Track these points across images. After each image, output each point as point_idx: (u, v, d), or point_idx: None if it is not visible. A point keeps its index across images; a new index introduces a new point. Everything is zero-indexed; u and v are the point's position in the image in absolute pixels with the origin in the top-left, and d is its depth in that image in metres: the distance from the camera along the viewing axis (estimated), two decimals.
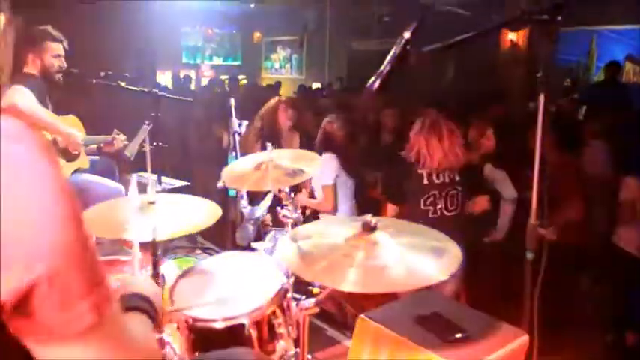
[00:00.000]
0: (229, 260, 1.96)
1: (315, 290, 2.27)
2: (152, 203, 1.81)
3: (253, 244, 2.00)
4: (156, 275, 1.91)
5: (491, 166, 3.94)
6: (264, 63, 15.46)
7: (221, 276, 1.83)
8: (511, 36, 10.57)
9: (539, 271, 1.75)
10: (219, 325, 1.61)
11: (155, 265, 1.92)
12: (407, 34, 1.53)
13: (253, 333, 1.59)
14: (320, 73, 14.30)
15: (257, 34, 15.21)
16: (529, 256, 1.77)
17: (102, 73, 3.55)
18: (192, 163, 6.07)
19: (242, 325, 1.59)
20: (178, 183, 4.59)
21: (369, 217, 1.53)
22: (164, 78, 11.34)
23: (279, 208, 2.03)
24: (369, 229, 1.53)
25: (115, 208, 1.86)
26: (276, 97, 4.48)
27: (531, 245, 1.76)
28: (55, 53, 3.31)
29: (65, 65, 3.37)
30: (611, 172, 4.08)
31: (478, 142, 4.00)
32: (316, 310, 1.85)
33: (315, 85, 12.57)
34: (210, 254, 3.66)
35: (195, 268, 1.90)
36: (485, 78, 9.75)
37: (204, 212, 1.83)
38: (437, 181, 2.97)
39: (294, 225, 2.00)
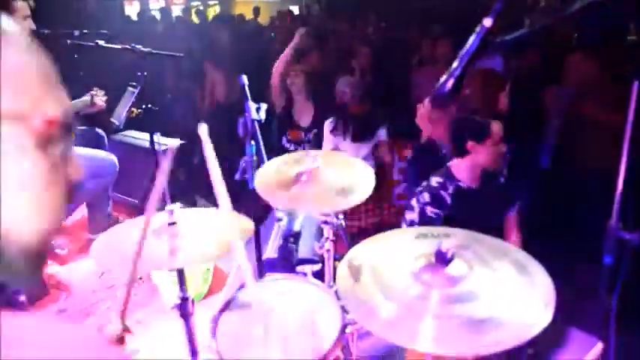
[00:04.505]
0: (275, 289, 1.67)
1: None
2: (173, 224, 1.54)
3: (300, 268, 1.73)
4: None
5: None
6: None
7: (269, 312, 1.57)
8: None
9: (618, 277, 1.57)
10: None
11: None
12: (488, 22, 1.21)
13: None
14: None
15: None
16: (607, 261, 1.58)
17: (76, 32, 3.11)
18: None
19: None
20: (172, 142, 4.25)
21: (442, 245, 1.29)
22: (132, 10, 10.50)
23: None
24: (444, 261, 1.29)
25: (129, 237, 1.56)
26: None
27: (610, 249, 1.57)
28: (24, 14, 2.86)
29: (34, 26, 2.94)
30: None
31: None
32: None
33: (293, 9, 11.78)
34: None
35: (238, 300, 1.63)
36: None
37: (233, 229, 1.57)
38: None
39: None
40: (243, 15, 9.97)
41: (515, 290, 1.26)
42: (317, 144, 3.93)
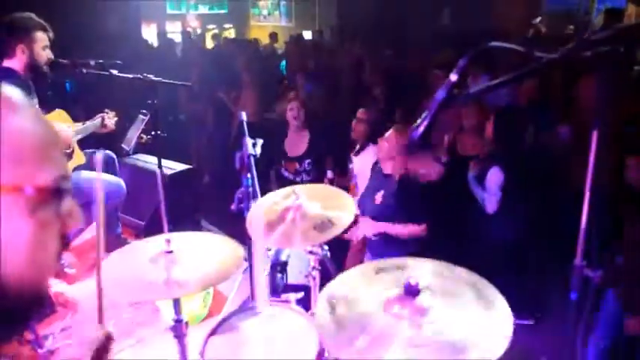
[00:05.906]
0: (260, 316, 1.80)
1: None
2: (170, 252, 1.67)
3: (284, 296, 1.86)
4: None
5: None
6: (252, 10, 14.81)
7: (253, 337, 1.69)
8: None
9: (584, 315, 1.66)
10: None
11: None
12: (453, 77, 1.35)
13: None
14: (310, 19, 13.69)
15: None
16: (573, 296, 1.68)
17: (92, 62, 3.29)
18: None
19: None
20: (180, 166, 4.41)
21: (411, 280, 1.40)
22: (149, 32, 10.81)
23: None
24: (412, 292, 1.40)
25: (128, 262, 1.70)
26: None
27: (575, 286, 1.67)
28: (44, 44, 3.07)
29: (52, 56, 3.13)
30: None
31: None
32: None
33: (306, 34, 12.00)
34: None
35: (226, 324, 1.76)
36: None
37: (226, 257, 1.70)
38: None
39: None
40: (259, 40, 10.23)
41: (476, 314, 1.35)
42: (315, 174, 4.11)
